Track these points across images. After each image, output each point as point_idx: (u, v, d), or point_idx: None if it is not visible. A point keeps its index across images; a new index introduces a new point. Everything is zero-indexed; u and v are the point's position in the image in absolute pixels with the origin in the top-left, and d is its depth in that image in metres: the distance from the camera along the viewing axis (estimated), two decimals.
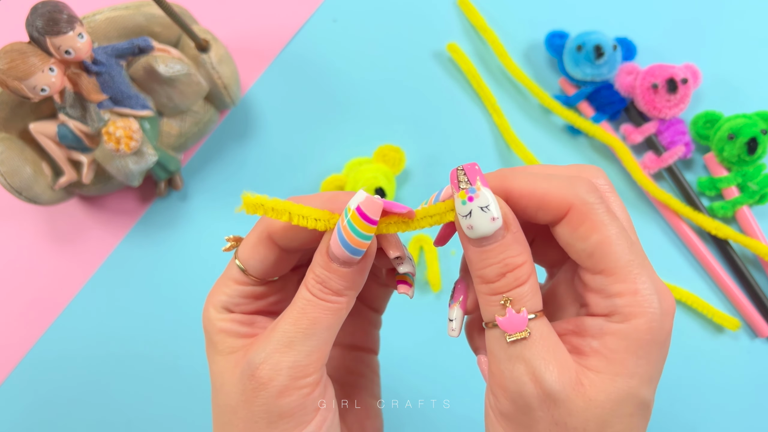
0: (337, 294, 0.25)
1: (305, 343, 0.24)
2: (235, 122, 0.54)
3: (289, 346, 0.24)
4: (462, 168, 0.23)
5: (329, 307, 0.25)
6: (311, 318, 0.24)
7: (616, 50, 0.51)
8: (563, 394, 0.22)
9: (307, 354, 0.24)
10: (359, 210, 0.23)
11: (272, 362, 0.24)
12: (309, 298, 0.25)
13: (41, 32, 0.39)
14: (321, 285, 0.25)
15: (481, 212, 0.23)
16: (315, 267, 0.25)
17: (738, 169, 0.50)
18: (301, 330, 0.24)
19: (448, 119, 0.54)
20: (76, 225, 0.52)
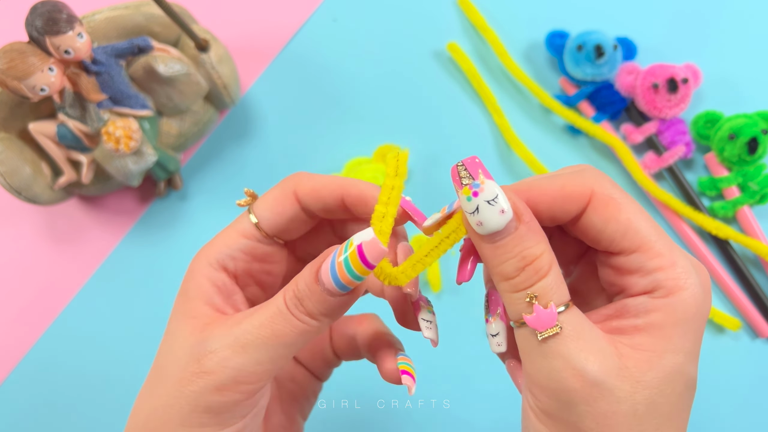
0: (311, 316, 0.24)
1: (260, 351, 0.23)
2: (234, 122, 0.54)
3: (243, 348, 0.23)
4: (462, 163, 0.22)
5: (297, 326, 0.24)
6: (275, 330, 0.23)
7: (616, 50, 0.51)
8: (608, 383, 0.21)
9: (258, 362, 0.23)
10: (360, 249, 0.22)
11: (222, 356, 0.23)
12: (282, 310, 0.24)
13: (41, 32, 0.39)
14: (298, 301, 0.23)
15: (489, 206, 0.21)
16: (299, 280, 0.24)
17: (738, 169, 0.50)
18: (260, 338, 0.23)
19: (448, 119, 0.54)
20: (75, 225, 0.52)
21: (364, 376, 0.48)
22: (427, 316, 0.27)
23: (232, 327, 0.24)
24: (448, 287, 0.49)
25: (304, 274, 0.24)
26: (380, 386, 0.48)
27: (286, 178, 0.27)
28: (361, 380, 0.48)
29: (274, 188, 0.27)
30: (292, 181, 0.27)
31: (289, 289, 0.24)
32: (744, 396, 0.49)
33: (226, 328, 0.24)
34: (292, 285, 0.24)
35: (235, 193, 0.52)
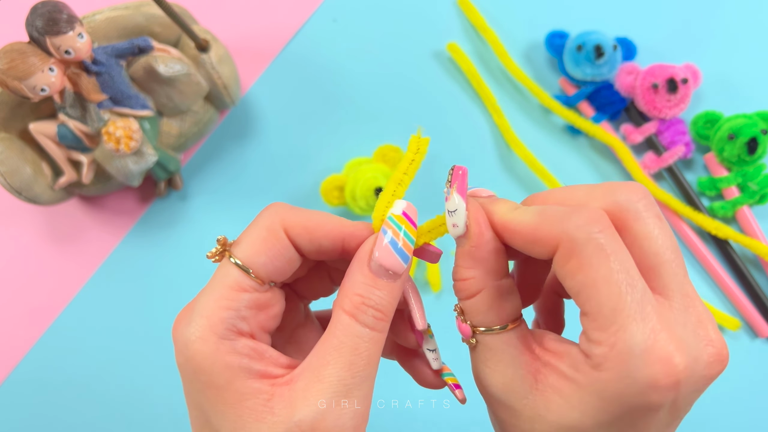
0: (387, 317, 0.22)
1: (362, 387, 0.21)
2: (235, 122, 0.54)
3: (347, 396, 0.21)
4: (451, 168, 0.24)
5: (379, 339, 0.22)
6: (366, 357, 0.22)
7: (616, 50, 0.51)
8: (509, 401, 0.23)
9: (365, 398, 0.22)
10: (405, 214, 0.23)
11: (333, 417, 0.21)
12: (361, 332, 0.22)
13: (41, 32, 0.39)
14: (372, 309, 0.22)
15: (449, 215, 0.23)
16: (358, 287, 0.22)
17: (738, 169, 0.50)
18: (358, 373, 0.21)
19: (448, 119, 0.54)
20: (75, 225, 0.52)
21: None
22: (431, 345, 0.27)
23: (316, 385, 0.21)
24: (447, 287, 0.49)
25: (358, 278, 0.23)
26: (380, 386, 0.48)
27: (262, 213, 0.24)
28: None
29: (256, 227, 0.24)
30: (276, 219, 0.24)
31: (356, 306, 0.22)
32: (744, 396, 0.49)
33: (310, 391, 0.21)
34: (354, 302, 0.22)
35: (235, 194, 0.52)
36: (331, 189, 0.49)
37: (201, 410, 0.22)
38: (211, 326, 0.22)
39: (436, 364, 0.27)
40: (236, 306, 0.23)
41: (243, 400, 0.21)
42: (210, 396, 0.22)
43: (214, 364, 0.21)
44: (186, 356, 0.22)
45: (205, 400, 0.22)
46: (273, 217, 0.24)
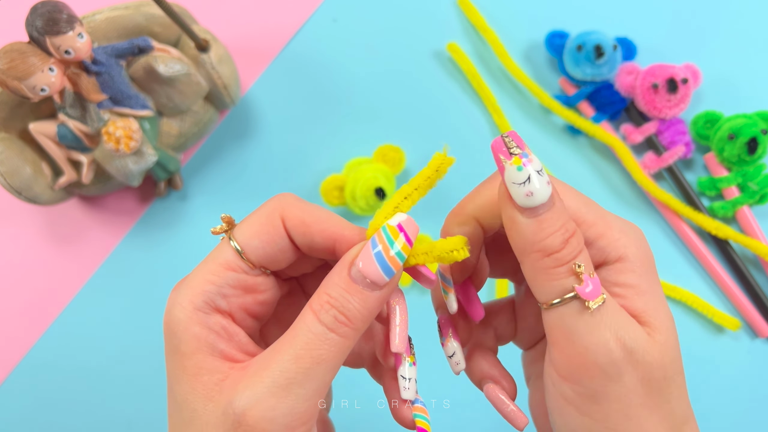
0: (352, 324, 0.22)
1: (305, 385, 0.21)
2: (234, 122, 0.54)
3: (286, 390, 0.21)
4: (507, 135, 0.22)
5: (338, 343, 0.21)
6: (316, 356, 0.21)
7: (616, 50, 0.51)
8: (642, 348, 0.21)
9: (306, 399, 0.21)
10: (401, 227, 0.22)
11: (265, 408, 0.20)
12: (318, 331, 0.21)
13: (41, 32, 0.39)
14: (336, 310, 0.22)
15: (538, 176, 0.21)
16: (331, 288, 0.22)
17: (738, 169, 0.50)
18: (302, 370, 0.21)
19: (448, 119, 0.54)
20: (75, 225, 0.52)
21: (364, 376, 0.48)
22: (407, 373, 0.25)
23: (260, 373, 0.21)
24: None
25: (335, 280, 0.22)
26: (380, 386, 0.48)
27: (268, 201, 0.24)
28: (361, 380, 0.48)
29: (258, 213, 0.24)
30: (278, 207, 0.24)
31: (321, 302, 0.22)
32: (744, 396, 0.49)
33: (253, 377, 0.21)
34: (321, 297, 0.22)
35: (235, 194, 0.52)
36: (331, 189, 0.49)
37: (168, 374, 0.23)
38: (193, 296, 0.23)
39: (407, 393, 0.25)
40: (219, 282, 0.23)
41: (200, 374, 0.22)
42: (174, 361, 0.23)
43: (184, 331, 0.22)
44: (166, 320, 0.23)
45: (170, 363, 0.23)
46: (275, 205, 0.24)
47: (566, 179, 0.51)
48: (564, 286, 0.21)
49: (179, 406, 0.22)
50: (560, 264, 0.21)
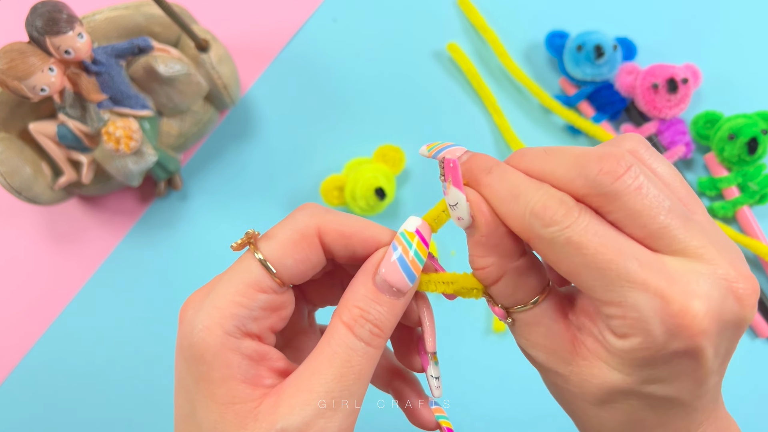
0: (384, 334, 0.22)
1: (349, 402, 0.21)
2: (234, 122, 0.54)
3: (334, 410, 0.21)
4: (442, 161, 0.23)
5: (374, 355, 0.22)
6: (357, 372, 0.21)
7: (616, 50, 0.51)
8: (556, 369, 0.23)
9: (350, 414, 0.21)
10: (419, 233, 0.23)
11: (316, 430, 0.20)
12: (356, 346, 0.21)
13: (41, 32, 0.39)
14: (371, 324, 0.22)
15: (451, 209, 0.23)
16: (360, 300, 0.22)
17: (738, 169, 0.50)
18: (346, 387, 0.21)
19: (448, 119, 0.54)
20: (75, 225, 0.52)
21: None
22: (435, 372, 0.26)
23: (303, 395, 0.21)
24: None
25: (361, 291, 0.22)
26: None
27: (297, 212, 0.24)
28: None
29: (289, 228, 0.23)
30: (310, 219, 0.23)
31: (352, 316, 0.22)
32: (743, 396, 0.49)
33: (295, 399, 0.21)
34: (353, 314, 0.22)
35: (235, 194, 0.52)
36: (331, 189, 0.49)
37: (189, 399, 0.22)
38: (221, 319, 0.21)
39: (438, 392, 0.26)
40: (251, 305, 0.22)
41: (232, 403, 0.21)
42: (202, 388, 0.21)
43: (215, 358, 0.21)
44: (190, 342, 0.22)
45: (197, 390, 0.22)
46: (308, 221, 0.23)
47: None
48: None
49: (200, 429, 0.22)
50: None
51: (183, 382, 0.22)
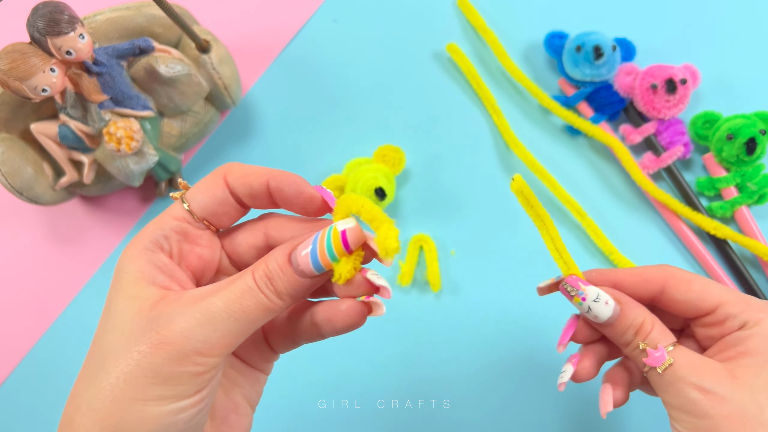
0: (278, 296, 0.25)
1: (226, 324, 0.24)
2: (235, 123, 0.54)
3: (209, 321, 0.24)
4: (565, 282, 0.30)
5: (264, 304, 0.25)
6: (244, 306, 0.24)
7: (615, 51, 0.51)
8: (722, 388, 0.27)
9: (222, 335, 0.24)
10: (343, 234, 0.25)
11: (185, 327, 0.23)
12: (251, 287, 0.25)
13: (42, 33, 0.39)
14: (268, 280, 0.25)
15: (596, 303, 0.30)
16: (270, 261, 0.25)
17: (737, 169, 0.50)
18: (228, 313, 0.24)
19: (448, 119, 0.54)
20: (76, 225, 0.52)
21: (364, 376, 0.48)
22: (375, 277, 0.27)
23: (195, 302, 0.24)
24: (447, 287, 0.50)
25: (276, 256, 0.25)
26: (380, 386, 0.48)
27: (218, 167, 0.28)
28: (361, 380, 0.48)
29: (207, 176, 0.28)
30: (223, 168, 0.28)
31: (259, 268, 0.25)
32: None
33: (187, 303, 0.24)
34: (261, 264, 0.25)
35: None
36: (332, 189, 0.49)
37: (107, 302, 0.26)
38: (141, 239, 0.26)
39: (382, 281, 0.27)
40: (165, 227, 0.27)
41: (137, 296, 0.25)
42: (115, 290, 0.25)
43: (129, 264, 0.25)
44: (117, 263, 0.26)
45: (114, 292, 0.25)
46: (220, 169, 0.28)
47: (565, 179, 0.52)
48: (640, 360, 0.30)
49: (112, 317, 0.25)
50: (635, 348, 0.30)
51: (108, 294, 0.26)
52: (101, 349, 0.24)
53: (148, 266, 0.26)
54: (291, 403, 0.47)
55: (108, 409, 0.23)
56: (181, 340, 0.23)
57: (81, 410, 0.24)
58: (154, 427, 0.23)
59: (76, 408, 0.25)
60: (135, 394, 0.23)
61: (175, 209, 0.27)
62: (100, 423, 0.23)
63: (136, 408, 0.23)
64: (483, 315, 0.50)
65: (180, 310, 0.24)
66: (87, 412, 0.24)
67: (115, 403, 0.23)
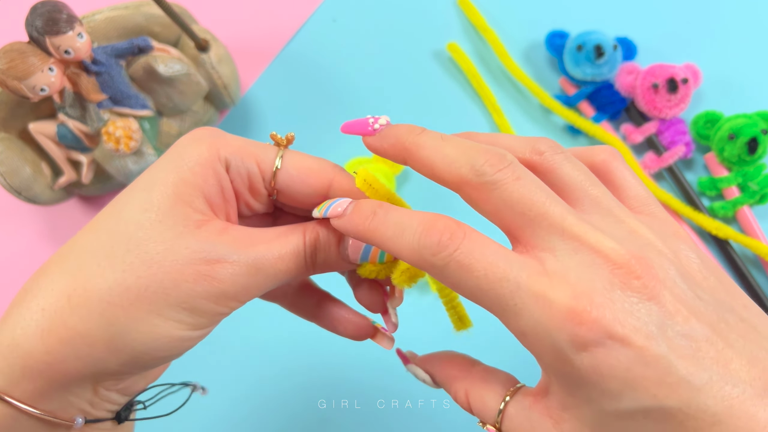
0: (314, 266, 0.25)
1: (269, 280, 0.23)
2: (234, 122, 0.54)
3: (258, 272, 0.23)
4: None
5: (301, 269, 0.25)
6: (288, 267, 0.24)
7: (616, 50, 0.51)
8: None
9: (261, 288, 0.24)
10: None
11: (237, 272, 0.22)
12: (300, 252, 0.24)
13: (41, 32, 0.39)
14: (314, 251, 0.25)
15: None
16: (321, 233, 0.25)
17: (738, 169, 0.50)
18: (276, 269, 0.23)
19: (448, 119, 0.54)
20: (75, 225, 0.52)
21: (364, 376, 0.48)
22: (399, 304, 0.28)
23: (246, 245, 0.23)
24: None
25: (328, 233, 0.25)
26: (380, 386, 0.48)
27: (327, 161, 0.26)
28: (361, 380, 0.48)
29: (313, 158, 0.26)
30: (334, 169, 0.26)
31: (310, 236, 0.24)
32: None
33: (238, 244, 0.23)
34: (313, 231, 0.25)
35: None
36: None
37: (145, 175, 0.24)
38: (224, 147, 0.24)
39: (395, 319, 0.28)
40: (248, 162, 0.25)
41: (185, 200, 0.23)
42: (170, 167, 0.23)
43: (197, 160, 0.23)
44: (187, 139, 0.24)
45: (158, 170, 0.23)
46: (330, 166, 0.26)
47: None
48: None
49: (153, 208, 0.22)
50: None
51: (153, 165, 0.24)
52: (132, 235, 0.22)
53: (212, 179, 0.24)
54: (291, 403, 0.47)
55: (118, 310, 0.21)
56: (230, 281, 0.22)
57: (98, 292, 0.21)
58: (158, 344, 0.22)
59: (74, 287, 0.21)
60: (158, 307, 0.22)
61: (268, 156, 0.25)
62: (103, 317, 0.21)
63: (151, 320, 0.22)
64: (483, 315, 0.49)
65: (233, 250, 0.23)
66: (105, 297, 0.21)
67: (136, 306, 0.21)
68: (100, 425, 0.25)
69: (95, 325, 0.21)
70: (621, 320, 0.18)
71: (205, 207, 0.23)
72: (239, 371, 0.47)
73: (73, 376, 0.22)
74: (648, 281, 0.19)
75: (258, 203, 0.26)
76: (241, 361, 0.47)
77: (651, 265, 0.19)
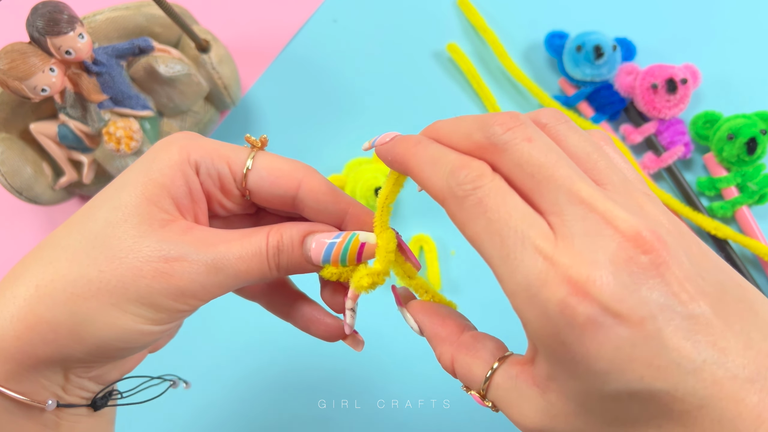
0: (277, 268, 0.25)
1: (229, 280, 0.24)
2: (235, 122, 0.54)
3: (217, 271, 0.24)
4: None
5: (263, 271, 0.25)
6: (249, 267, 0.24)
7: (615, 50, 0.51)
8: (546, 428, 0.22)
9: (221, 287, 0.24)
10: (361, 246, 0.25)
11: (195, 270, 0.23)
12: (262, 252, 0.25)
13: (42, 32, 0.39)
14: (277, 252, 0.25)
15: None
16: (286, 234, 0.25)
17: (737, 169, 0.50)
18: (235, 269, 0.24)
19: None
20: None
21: (364, 376, 0.48)
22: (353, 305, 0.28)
23: (207, 245, 0.24)
24: (447, 287, 0.49)
25: (292, 233, 0.25)
26: (380, 386, 0.48)
27: (299, 163, 0.27)
28: (361, 380, 0.48)
29: (284, 160, 0.27)
30: (304, 170, 0.27)
31: (273, 238, 0.25)
32: None
33: (199, 243, 0.24)
34: (276, 233, 0.25)
35: None
36: None
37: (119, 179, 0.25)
38: (190, 149, 0.25)
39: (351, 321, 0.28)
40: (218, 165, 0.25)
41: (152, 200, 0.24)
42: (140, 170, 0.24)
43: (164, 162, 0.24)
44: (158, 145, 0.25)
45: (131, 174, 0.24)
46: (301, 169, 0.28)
47: None
48: None
49: (121, 206, 0.23)
50: None
51: (127, 170, 0.25)
52: (101, 232, 0.23)
53: (179, 180, 0.24)
54: (291, 403, 0.47)
55: (81, 301, 0.22)
56: (188, 280, 0.23)
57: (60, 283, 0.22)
58: (118, 335, 0.23)
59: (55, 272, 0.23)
60: (117, 300, 0.22)
61: (239, 158, 0.26)
62: (66, 306, 0.22)
63: (111, 312, 0.23)
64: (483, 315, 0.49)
65: (197, 251, 0.23)
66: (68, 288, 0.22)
67: (96, 299, 0.22)
68: (76, 411, 0.26)
69: (59, 313, 0.22)
70: (620, 296, 0.17)
71: (172, 207, 0.24)
72: (239, 371, 0.47)
73: (42, 360, 0.23)
74: (656, 257, 0.18)
75: (232, 204, 0.27)
76: (242, 361, 0.47)
77: (664, 241, 0.18)
